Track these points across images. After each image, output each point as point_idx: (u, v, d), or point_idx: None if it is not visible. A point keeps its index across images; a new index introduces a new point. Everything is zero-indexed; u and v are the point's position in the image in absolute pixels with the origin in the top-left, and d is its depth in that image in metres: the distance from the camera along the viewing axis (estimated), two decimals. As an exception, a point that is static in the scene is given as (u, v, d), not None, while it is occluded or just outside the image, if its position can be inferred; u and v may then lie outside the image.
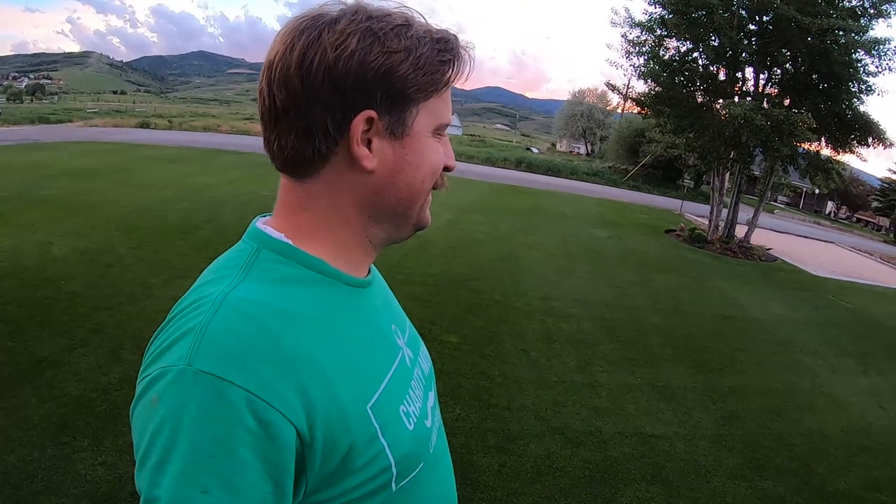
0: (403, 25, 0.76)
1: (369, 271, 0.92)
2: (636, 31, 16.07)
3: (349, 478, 0.74)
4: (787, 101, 15.74)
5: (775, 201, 51.78)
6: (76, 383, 4.20)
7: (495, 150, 43.53)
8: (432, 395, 1.00)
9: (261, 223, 0.84)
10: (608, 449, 4.44)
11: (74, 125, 33.27)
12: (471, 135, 75.60)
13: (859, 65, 14.46)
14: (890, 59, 14.32)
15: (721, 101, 15.80)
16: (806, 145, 16.03)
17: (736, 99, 15.32)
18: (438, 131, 0.83)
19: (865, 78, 14.63)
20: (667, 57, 16.12)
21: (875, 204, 60.15)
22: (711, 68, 16.19)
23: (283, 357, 0.68)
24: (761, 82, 16.19)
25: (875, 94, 14.80)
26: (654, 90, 16.49)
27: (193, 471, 0.61)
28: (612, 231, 15.50)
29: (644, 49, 16.04)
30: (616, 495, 3.88)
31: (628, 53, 16.24)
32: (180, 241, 8.12)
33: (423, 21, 0.79)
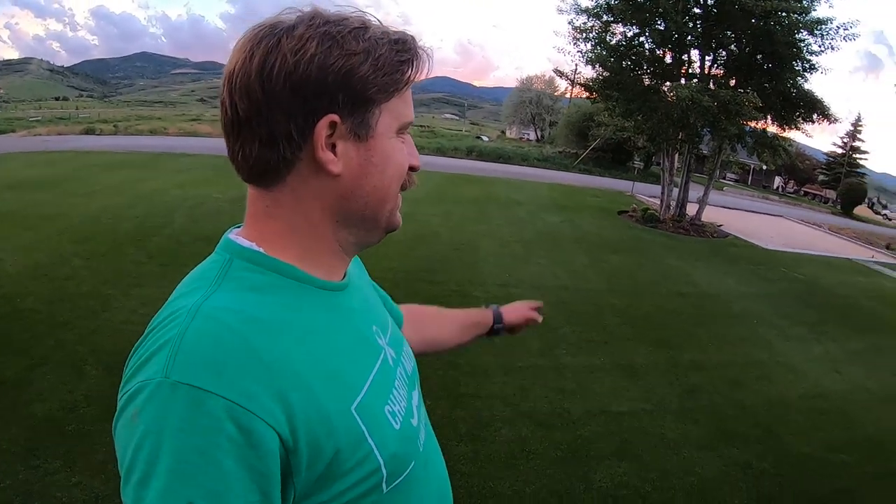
0: (361, 28, 0.77)
1: (345, 275, 0.92)
2: (583, 18, 16.41)
3: (338, 481, 0.75)
4: (732, 82, 16.33)
5: (724, 179, 53.17)
6: (41, 403, 4.08)
7: (445, 140, 43.58)
8: (416, 394, 1.01)
9: (232, 234, 0.86)
10: (578, 429, 4.60)
11: (17, 135, 31.90)
12: (420, 126, 75.62)
13: (802, 45, 15.15)
14: (832, 39, 15.03)
15: (668, 83, 16.37)
16: (753, 123, 16.77)
17: (682, 81, 15.93)
18: (402, 131, 0.85)
19: (809, 57, 15.36)
20: (614, 42, 16.50)
21: (821, 177, 62.50)
22: (658, 52, 16.65)
23: (261, 363, 0.68)
24: (707, 64, 16.73)
25: (818, 72, 15.56)
26: (602, 75, 16.86)
27: (177, 484, 0.61)
28: (565, 215, 15.74)
29: (591, 35, 16.38)
30: (589, 473, 4.04)
31: (575, 40, 16.59)
32: (135, 250, 7.97)
33: (380, 24, 0.80)
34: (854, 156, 61.16)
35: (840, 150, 62.19)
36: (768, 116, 16.61)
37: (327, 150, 0.78)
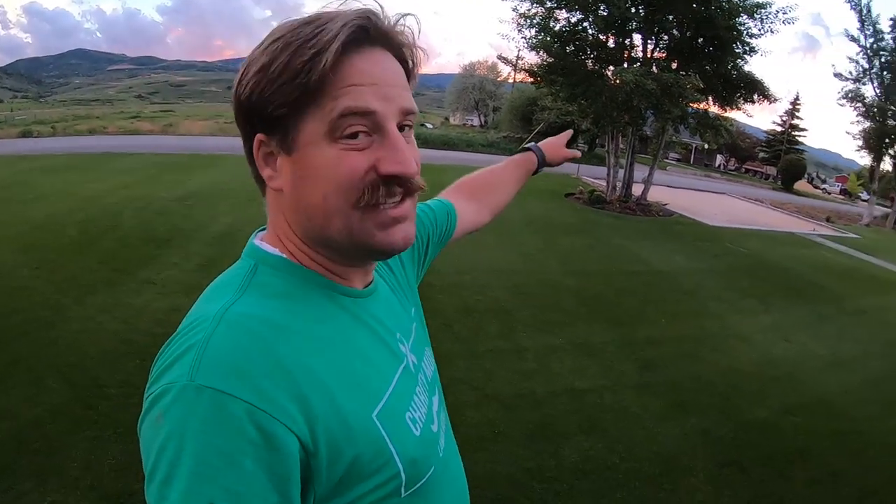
0: (277, 39, 0.74)
1: (371, 282, 0.93)
2: (527, 4, 16.67)
3: (357, 485, 0.75)
4: (675, 65, 16.82)
5: (667, 158, 54.30)
6: (4, 422, 3.88)
7: None
8: (436, 399, 1.02)
9: (258, 239, 0.87)
10: (543, 408, 4.77)
11: (-49, 142, 30.59)
12: None
13: (742, 28, 15.83)
14: (771, 22, 15.76)
15: (612, 67, 16.76)
16: (695, 105, 17.30)
17: (626, 65, 16.35)
18: (341, 133, 0.75)
19: (749, 40, 16.10)
20: (557, 28, 16.77)
21: (762, 155, 64.22)
22: (601, 37, 16.98)
23: (283, 369, 0.69)
24: (650, 48, 17.19)
25: (758, 54, 16.39)
26: (546, 61, 17.16)
27: (199, 484, 0.62)
28: (514, 199, 15.90)
29: (535, 21, 16.62)
30: (559, 449, 4.20)
31: (520, 26, 16.81)
32: (84, 256, 7.73)
33: (311, 22, 0.75)
34: (793, 133, 62.84)
35: (779, 128, 63.86)
36: (710, 98, 17.25)
37: (266, 166, 0.80)
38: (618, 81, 15.07)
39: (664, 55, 17.22)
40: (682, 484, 4.00)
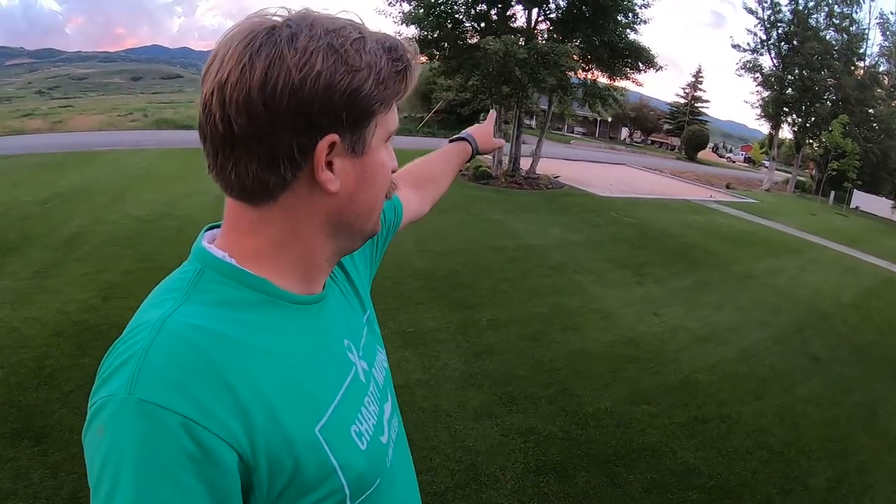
0: (360, 39, 0.76)
1: (324, 286, 0.92)
2: None
3: (301, 498, 0.76)
4: (558, 36, 16.97)
5: (572, 132, 55.13)
6: None
7: None
8: (388, 406, 1.01)
9: (205, 242, 0.84)
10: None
11: None
12: None
13: (626, 1, 16.09)
14: None
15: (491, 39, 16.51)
16: (582, 75, 17.81)
17: (512, 37, 16.02)
18: (389, 138, 0.85)
19: (635, 9, 16.41)
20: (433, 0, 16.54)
21: (666, 126, 66.53)
22: (480, 7, 16.96)
23: (223, 382, 0.69)
24: (535, 18, 17.19)
25: (643, 23, 16.74)
26: (421, 35, 16.68)
27: (140, 499, 0.63)
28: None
29: None
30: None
31: (390, 1, 16.59)
32: None
33: (369, 29, 0.79)
34: (696, 105, 64.97)
35: (682, 101, 65.87)
36: (594, 67, 17.62)
37: (326, 169, 0.78)
38: (486, 52, 14.98)
39: (548, 26, 17.50)
40: (477, 499, 3.35)
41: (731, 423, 4.54)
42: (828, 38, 31.98)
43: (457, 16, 16.93)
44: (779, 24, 32.03)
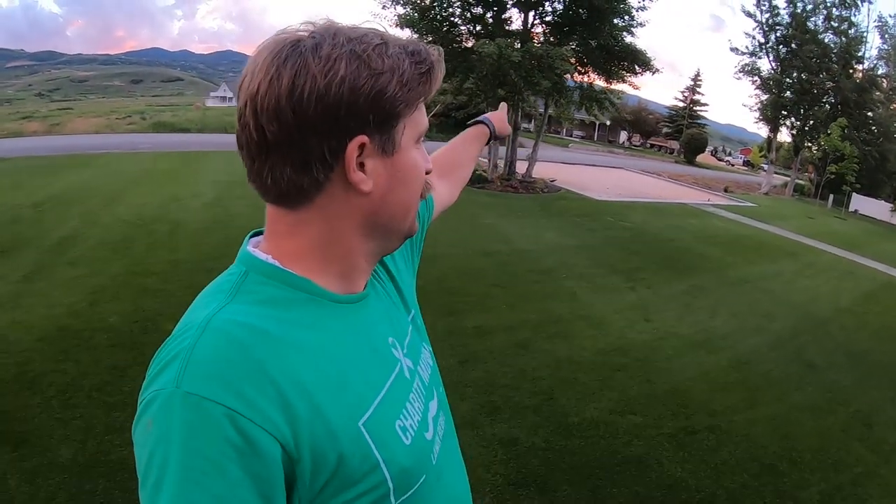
0: (382, 44, 0.79)
1: (366, 285, 0.94)
2: None
3: (343, 492, 0.77)
4: (554, 39, 16.93)
5: (570, 136, 55.19)
6: None
7: None
8: (433, 404, 1.01)
9: (251, 246, 0.89)
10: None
11: None
12: None
13: (622, 3, 16.08)
14: None
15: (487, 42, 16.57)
16: (578, 78, 17.82)
17: (508, 40, 16.08)
18: (419, 139, 0.88)
19: (632, 12, 16.42)
20: (427, 3, 16.57)
21: (665, 130, 66.80)
22: (477, 10, 16.99)
23: (266, 376, 0.71)
24: (531, 21, 17.21)
25: (640, 26, 16.78)
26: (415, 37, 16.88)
27: (186, 490, 0.65)
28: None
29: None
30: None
31: (394, 2, 16.54)
32: None
33: (392, 35, 0.82)
34: (694, 108, 65.15)
35: (681, 104, 66.06)
36: (590, 70, 17.71)
37: (358, 170, 0.81)
38: (480, 55, 15.05)
39: (544, 29, 17.54)
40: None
41: (721, 434, 4.42)
42: (826, 41, 32.26)
43: (452, 19, 16.93)
44: (777, 28, 32.43)
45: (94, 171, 13.61)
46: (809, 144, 33.53)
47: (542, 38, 17.11)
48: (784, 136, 36.16)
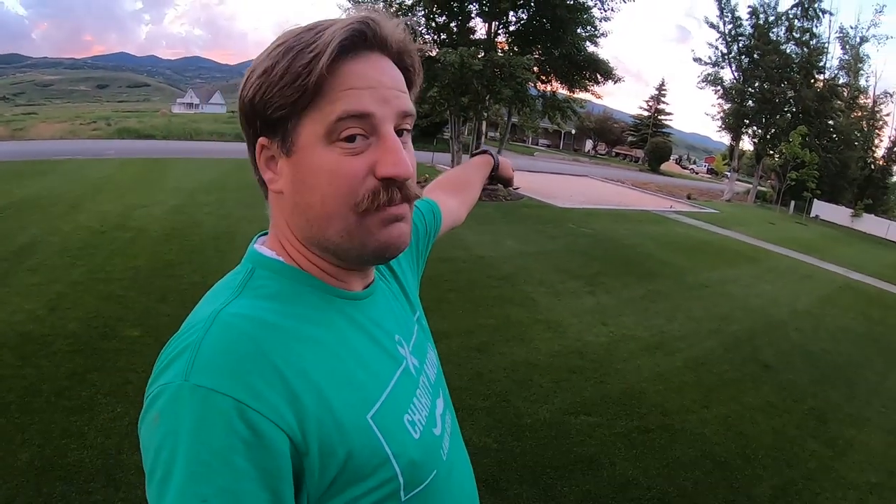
0: (280, 45, 0.79)
1: (369, 285, 0.95)
2: None
3: (352, 487, 0.76)
4: (518, 48, 17.30)
5: (536, 145, 55.66)
6: None
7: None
8: (440, 402, 1.03)
9: (258, 244, 0.91)
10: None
11: None
12: (233, 112, 72.99)
13: (584, 14, 16.51)
14: (613, 2, 16.88)
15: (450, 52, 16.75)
16: (542, 87, 18.21)
17: (472, 49, 16.28)
18: (341, 132, 0.79)
19: (594, 21, 16.91)
20: (392, 12, 16.55)
21: (630, 138, 67.67)
22: (441, 20, 17.25)
23: (273, 368, 0.72)
24: (495, 30, 17.50)
25: (602, 36, 17.29)
26: None
27: (194, 483, 0.64)
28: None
29: (378, 7, 16.55)
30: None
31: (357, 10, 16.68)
32: None
33: (327, 21, 0.81)
34: (659, 117, 66.10)
35: (646, 113, 66.99)
36: (552, 79, 18.14)
37: (268, 169, 0.85)
38: (442, 63, 15.29)
39: (508, 38, 17.88)
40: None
41: (675, 433, 4.48)
42: (788, 51, 33.54)
43: (416, 28, 17.00)
44: (740, 38, 33.63)
45: (57, 178, 13.39)
46: (771, 152, 34.35)
47: (506, 48, 17.39)
48: (746, 144, 37.27)
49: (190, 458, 0.65)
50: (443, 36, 17.35)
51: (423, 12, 16.95)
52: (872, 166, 39.93)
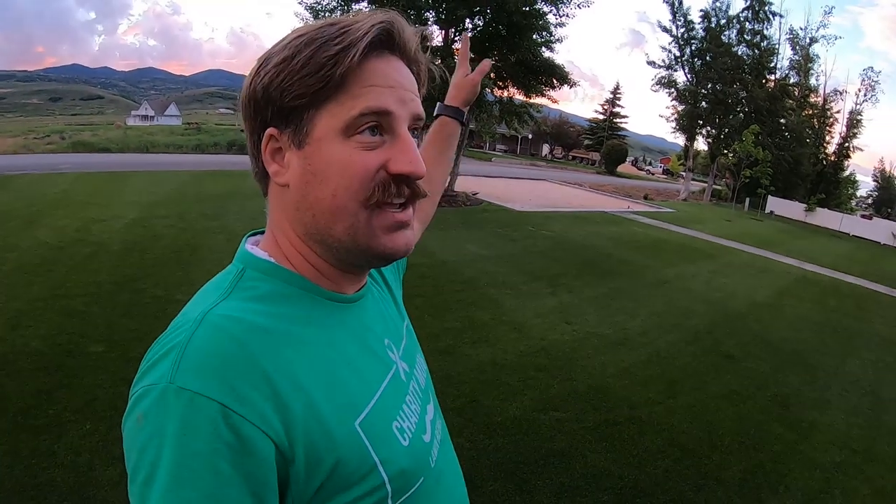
0: (300, 36, 0.80)
1: (361, 289, 0.95)
2: None
3: (339, 495, 0.76)
4: (475, 55, 17.17)
5: (494, 150, 56.06)
6: None
7: (208, 136, 42.28)
8: (430, 408, 1.04)
9: (249, 244, 0.91)
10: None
11: None
12: (189, 123, 71.96)
13: (537, 14, 16.63)
14: (568, 7, 16.99)
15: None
16: (499, 92, 18.20)
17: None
18: (356, 129, 0.80)
19: (549, 27, 17.07)
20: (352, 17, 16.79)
21: (586, 142, 68.52)
22: None
23: (260, 372, 0.71)
24: (452, 37, 17.53)
25: (558, 41, 17.49)
26: None
27: (177, 487, 0.64)
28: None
29: (336, 15, 16.57)
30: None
31: (314, 18, 16.51)
32: None
33: (347, 19, 0.82)
34: (615, 120, 67.06)
35: (601, 117, 67.91)
36: (509, 84, 18.12)
37: (273, 161, 0.84)
38: None
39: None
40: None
41: (643, 424, 4.59)
42: (740, 53, 34.51)
43: (431, 36, 17.03)
44: (692, 41, 34.55)
45: (11, 193, 13.09)
46: (725, 151, 35.11)
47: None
48: (701, 144, 38.16)
49: (174, 462, 0.65)
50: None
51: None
52: (824, 162, 41.06)
